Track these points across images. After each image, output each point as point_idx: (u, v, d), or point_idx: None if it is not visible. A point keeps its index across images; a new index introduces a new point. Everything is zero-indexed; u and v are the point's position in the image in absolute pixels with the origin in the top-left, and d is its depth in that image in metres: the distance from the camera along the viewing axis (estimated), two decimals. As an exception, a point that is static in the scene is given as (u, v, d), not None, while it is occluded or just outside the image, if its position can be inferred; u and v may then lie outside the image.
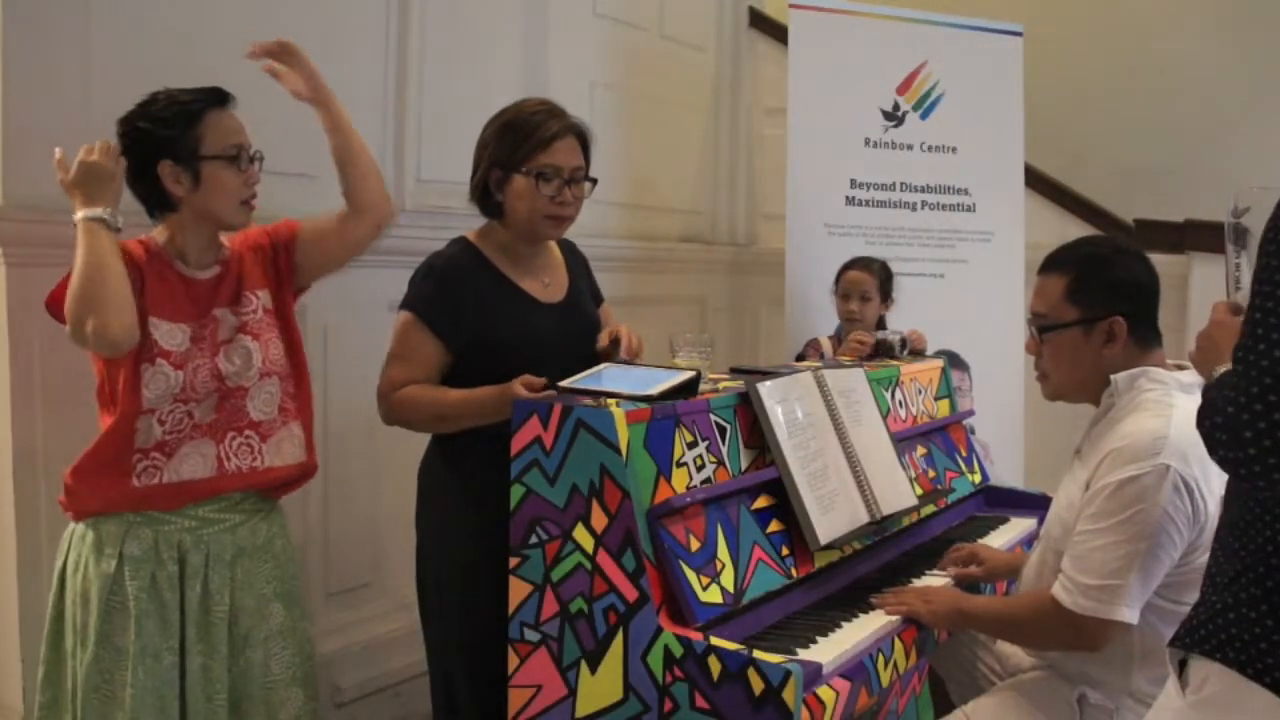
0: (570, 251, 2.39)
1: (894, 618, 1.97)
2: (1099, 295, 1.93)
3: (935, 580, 2.19)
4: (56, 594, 1.98)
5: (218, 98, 1.97)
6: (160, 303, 1.93)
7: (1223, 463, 1.30)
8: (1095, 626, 1.81)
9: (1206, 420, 1.31)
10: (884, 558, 2.30)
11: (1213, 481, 1.78)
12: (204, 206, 1.95)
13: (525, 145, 2.16)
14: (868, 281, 3.25)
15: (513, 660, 1.86)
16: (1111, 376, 1.92)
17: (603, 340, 2.22)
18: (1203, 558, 1.80)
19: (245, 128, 2.00)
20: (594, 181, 2.26)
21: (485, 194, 2.22)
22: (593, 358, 2.20)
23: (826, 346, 3.28)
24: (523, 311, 2.20)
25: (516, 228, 2.21)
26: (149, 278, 1.92)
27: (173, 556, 1.94)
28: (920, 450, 2.61)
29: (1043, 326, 1.99)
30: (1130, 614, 1.79)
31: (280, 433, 2.04)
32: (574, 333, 2.25)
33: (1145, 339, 1.94)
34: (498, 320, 2.16)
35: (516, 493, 1.85)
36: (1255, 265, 1.31)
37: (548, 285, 2.28)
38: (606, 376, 1.98)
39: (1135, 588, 1.78)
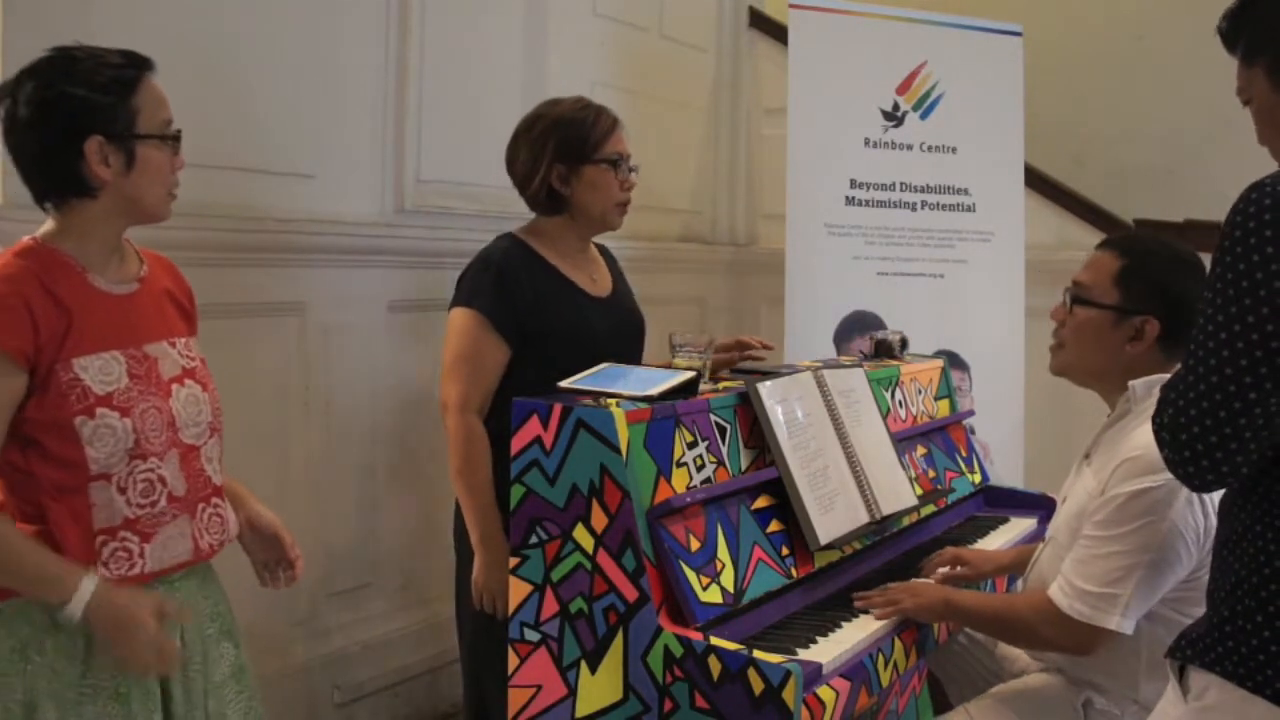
0: (605, 253, 2.43)
1: (894, 617, 1.97)
2: (1144, 289, 1.89)
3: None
4: None
5: (147, 64, 1.63)
6: (81, 332, 1.54)
7: (1169, 464, 1.32)
8: (1086, 632, 1.80)
9: (1156, 419, 1.34)
10: (884, 557, 2.30)
11: None
12: (131, 194, 1.59)
13: (592, 136, 2.22)
14: None
15: (513, 660, 1.86)
16: (1130, 383, 1.88)
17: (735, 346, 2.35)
18: None
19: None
20: (637, 170, 2.32)
21: (549, 194, 2.23)
22: (638, 353, 2.26)
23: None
24: (576, 304, 2.23)
25: (587, 218, 2.25)
26: (72, 307, 1.54)
27: None
28: (920, 450, 2.61)
29: (1079, 297, 1.94)
30: (1124, 624, 1.78)
31: (227, 499, 1.75)
32: (622, 326, 2.31)
33: (1171, 352, 1.88)
34: (553, 312, 2.18)
35: (516, 493, 1.85)
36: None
37: (595, 280, 2.32)
38: (606, 376, 1.98)
39: (1133, 599, 1.77)
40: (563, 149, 2.21)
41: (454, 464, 2.14)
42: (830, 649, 1.80)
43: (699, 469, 1.91)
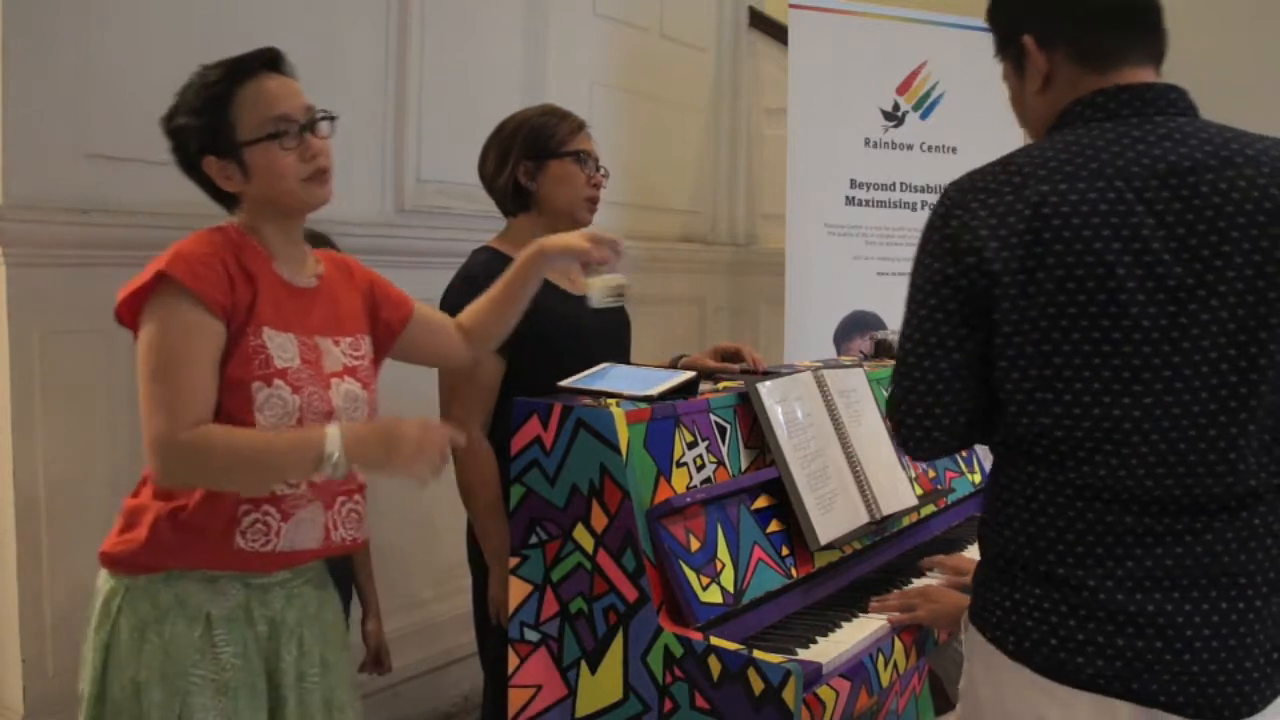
0: None
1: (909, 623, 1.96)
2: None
3: (931, 582, 2.18)
4: (98, 668, 1.58)
5: (251, 65, 1.62)
6: (265, 306, 1.60)
7: (900, 440, 1.47)
8: None
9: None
10: (884, 557, 2.30)
11: None
12: (263, 196, 1.63)
13: (559, 133, 2.25)
14: None
15: (513, 660, 1.86)
16: None
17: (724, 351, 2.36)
18: None
19: (294, 88, 1.65)
20: (608, 174, 2.34)
21: (515, 190, 2.25)
22: (626, 350, 2.24)
23: None
24: (559, 304, 2.21)
25: (554, 214, 2.25)
26: (258, 280, 1.61)
27: (265, 615, 1.64)
28: (920, 450, 2.61)
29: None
30: None
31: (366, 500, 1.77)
32: (607, 323, 2.30)
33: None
34: (543, 314, 2.15)
35: (516, 493, 1.85)
36: None
37: (573, 281, 2.30)
38: (606, 376, 1.98)
39: None
40: (529, 145, 2.24)
41: (464, 484, 2.14)
42: (830, 649, 1.80)
43: (699, 469, 1.91)
